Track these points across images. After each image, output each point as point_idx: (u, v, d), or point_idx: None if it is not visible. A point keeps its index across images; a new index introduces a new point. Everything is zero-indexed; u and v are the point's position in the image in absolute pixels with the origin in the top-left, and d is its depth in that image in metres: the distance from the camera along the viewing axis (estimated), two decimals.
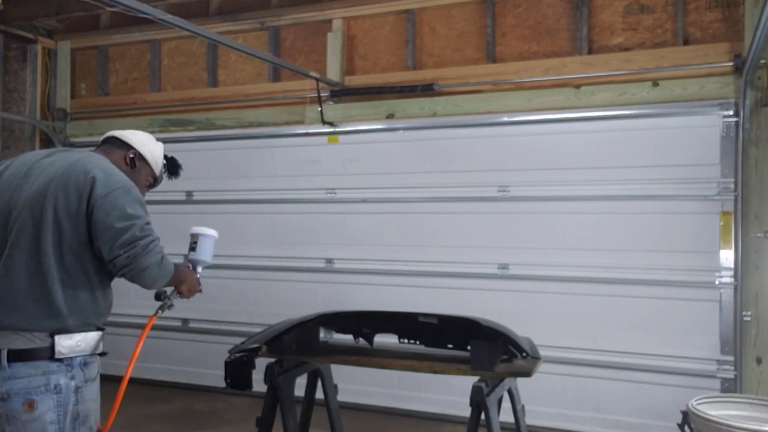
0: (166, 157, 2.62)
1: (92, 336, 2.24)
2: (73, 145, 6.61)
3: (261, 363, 3.10)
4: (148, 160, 2.51)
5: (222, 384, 3.13)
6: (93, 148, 2.57)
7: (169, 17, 3.82)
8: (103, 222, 2.14)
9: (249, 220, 5.58)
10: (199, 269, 2.68)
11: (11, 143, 6.75)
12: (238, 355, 3.05)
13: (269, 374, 3.12)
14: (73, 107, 6.72)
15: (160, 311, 2.57)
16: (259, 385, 3.12)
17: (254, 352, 3.07)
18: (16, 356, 2.09)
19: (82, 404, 2.18)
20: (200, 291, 2.62)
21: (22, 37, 6.53)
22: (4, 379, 2.09)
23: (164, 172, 2.63)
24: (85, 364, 2.20)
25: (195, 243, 2.68)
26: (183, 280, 2.48)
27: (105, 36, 6.60)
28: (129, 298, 6.17)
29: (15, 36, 6.51)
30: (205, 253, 2.68)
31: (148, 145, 2.53)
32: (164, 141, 5.49)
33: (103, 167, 2.28)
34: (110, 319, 2.40)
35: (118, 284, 2.37)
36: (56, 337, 2.13)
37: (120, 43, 6.59)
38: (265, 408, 3.17)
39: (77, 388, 2.17)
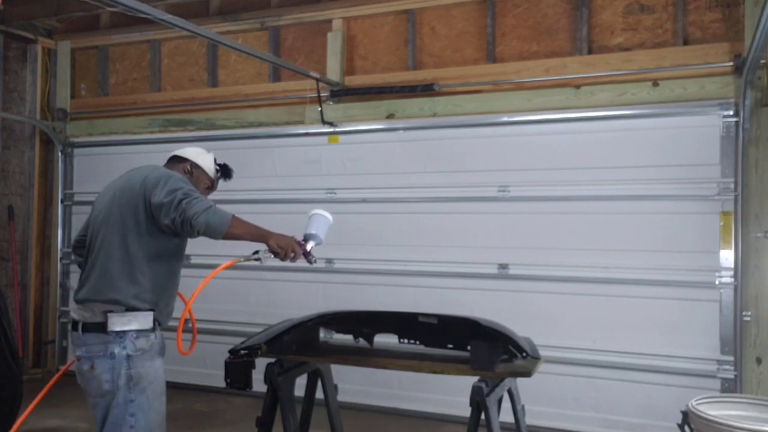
0: (219, 164, 3.12)
1: (143, 315, 2.69)
2: (73, 145, 6.62)
3: (261, 363, 3.10)
4: (203, 168, 3.04)
5: (222, 384, 3.13)
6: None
7: (169, 17, 3.82)
8: (156, 204, 2.65)
9: (248, 220, 5.57)
10: (311, 244, 2.95)
11: (11, 143, 6.76)
12: (238, 355, 3.05)
13: (269, 374, 3.12)
14: (73, 107, 6.72)
15: (242, 258, 2.89)
16: (259, 385, 3.11)
17: (254, 352, 3.07)
18: (87, 328, 2.65)
19: (134, 369, 2.65)
20: (311, 261, 2.93)
21: (22, 37, 6.53)
22: (79, 344, 2.68)
23: (219, 177, 3.13)
24: (136, 338, 2.66)
25: (309, 220, 3.02)
26: (270, 236, 2.79)
27: (105, 36, 6.60)
28: None
29: (15, 36, 6.51)
30: (314, 228, 2.98)
31: (201, 156, 3.06)
32: (164, 141, 5.59)
33: (153, 169, 2.82)
34: None
35: None
36: (109, 315, 2.62)
37: (120, 43, 6.59)
38: (265, 408, 3.17)
39: (128, 356, 2.64)
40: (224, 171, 3.15)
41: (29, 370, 6.32)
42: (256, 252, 2.86)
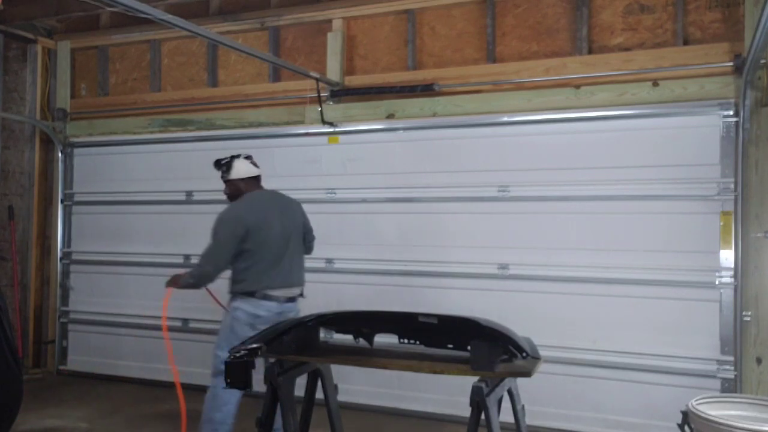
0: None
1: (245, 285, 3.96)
2: (73, 145, 6.62)
3: (261, 363, 3.10)
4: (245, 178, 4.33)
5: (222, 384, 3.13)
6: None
7: (169, 17, 3.82)
8: None
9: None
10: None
11: (11, 143, 6.75)
12: (238, 355, 3.05)
13: (269, 374, 3.12)
14: (73, 107, 6.72)
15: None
16: (259, 385, 3.12)
17: (254, 352, 3.07)
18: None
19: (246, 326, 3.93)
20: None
21: (22, 37, 6.53)
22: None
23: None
24: (243, 300, 3.96)
25: None
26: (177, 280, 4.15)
27: (105, 36, 6.60)
28: (129, 298, 6.17)
29: (15, 36, 6.51)
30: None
31: (242, 170, 4.32)
32: (164, 141, 5.60)
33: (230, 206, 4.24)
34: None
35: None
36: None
37: (120, 43, 6.59)
38: (265, 408, 3.17)
39: (256, 316, 3.95)
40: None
41: (29, 370, 6.32)
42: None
